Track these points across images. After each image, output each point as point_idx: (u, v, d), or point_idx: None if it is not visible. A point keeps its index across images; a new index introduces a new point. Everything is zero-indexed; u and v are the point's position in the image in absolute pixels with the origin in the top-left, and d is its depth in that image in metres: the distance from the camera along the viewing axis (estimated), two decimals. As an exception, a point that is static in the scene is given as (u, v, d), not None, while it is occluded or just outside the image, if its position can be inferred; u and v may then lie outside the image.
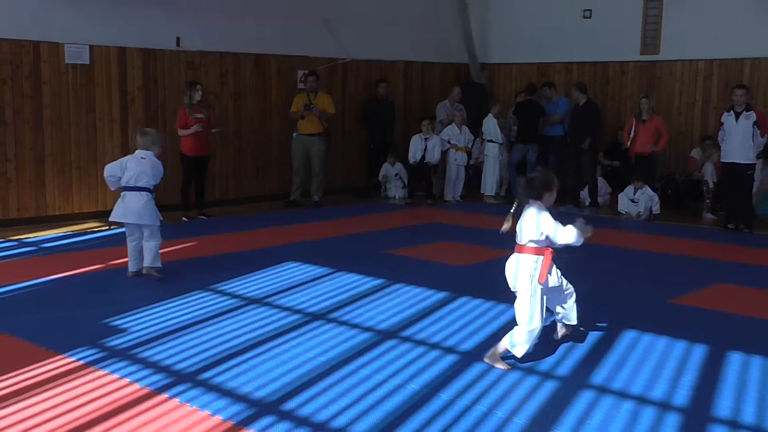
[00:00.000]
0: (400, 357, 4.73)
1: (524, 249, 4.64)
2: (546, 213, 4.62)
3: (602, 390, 4.26)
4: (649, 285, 6.77)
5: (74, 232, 8.77)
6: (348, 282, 6.59)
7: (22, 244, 8.07)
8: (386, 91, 12.16)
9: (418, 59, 13.17)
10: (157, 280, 6.44)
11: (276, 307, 5.82)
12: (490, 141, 11.77)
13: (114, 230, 8.81)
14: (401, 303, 5.96)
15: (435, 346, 4.97)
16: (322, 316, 5.59)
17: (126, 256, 6.70)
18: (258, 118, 11.16)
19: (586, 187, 11.12)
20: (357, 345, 4.95)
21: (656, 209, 10.34)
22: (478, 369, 4.54)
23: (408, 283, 6.50)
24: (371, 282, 6.57)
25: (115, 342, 4.91)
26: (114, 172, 6.50)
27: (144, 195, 6.46)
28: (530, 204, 4.66)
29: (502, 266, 7.39)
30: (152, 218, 6.49)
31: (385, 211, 10.92)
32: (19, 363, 4.49)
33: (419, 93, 13.27)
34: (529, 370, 4.54)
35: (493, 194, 11.85)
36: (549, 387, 4.30)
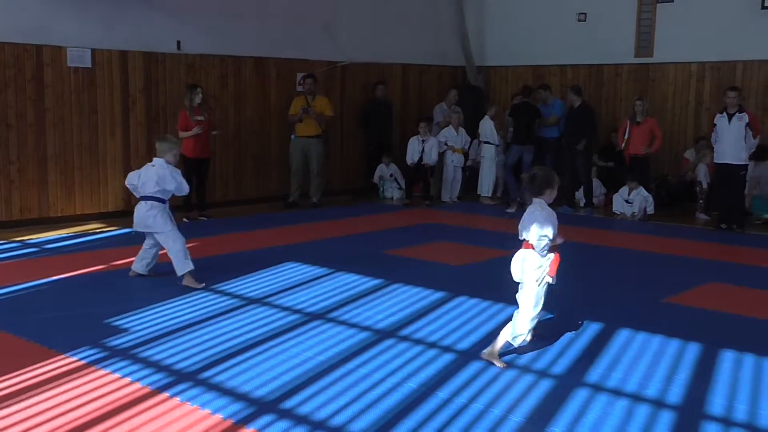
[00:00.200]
0: (397, 356, 4.73)
1: (528, 245, 4.67)
2: (544, 214, 4.64)
3: (597, 388, 4.26)
4: (643, 284, 6.77)
5: (76, 233, 8.76)
6: (346, 282, 6.58)
7: (25, 245, 8.06)
8: (384, 93, 12.16)
9: (416, 62, 13.17)
10: (199, 288, 6.23)
11: (275, 306, 5.81)
12: (487, 143, 11.77)
13: (114, 232, 8.84)
14: (399, 303, 5.96)
15: (432, 345, 4.96)
16: (321, 315, 5.58)
17: (129, 257, 6.67)
18: (258, 121, 11.16)
19: (581, 188, 11.12)
20: (355, 344, 4.94)
21: (650, 210, 10.35)
22: (474, 367, 4.54)
23: (406, 283, 6.50)
24: (369, 282, 6.57)
25: (117, 342, 4.91)
26: (131, 181, 6.52)
27: (148, 203, 6.39)
28: (533, 201, 4.72)
29: (499, 266, 7.37)
30: (158, 225, 6.39)
31: (383, 212, 10.91)
32: (22, 362, 4.48)
33: (416, 95, 13.28)
34: (525, 369, 4.54)
35: (489, 195, 11.85)
36: (545, 385, 4.29)
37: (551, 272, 4.65)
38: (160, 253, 6.62)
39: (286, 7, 11.18)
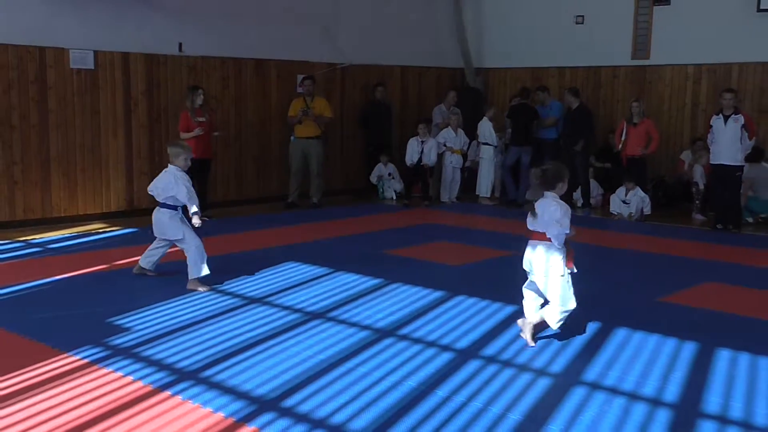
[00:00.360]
0: (397, 355, 4.73)
1: (547, 238, 4.75)
2: (561, 208, 4.75)
3: (595, 386, 4.26)
4: (639, 284, 6.77)
5: (79, 233, 8.76)
6: (346, 281, 6.58)
7: (29, 245, 8.06)
8: (384, 95, 12.16)
9: (415, 64, 13.17)
10: (203, 292, 6.18)
11: (276, 306, 5.81)
12: (485, 144, 11.78)
13: (116, 232, 8.85)
14: (398, 302, 5.96)
15: (431, 344, 4.96)
16: (321, 315, 5.58)
17: (131, 256, 6.66)
18: (258, 122, 11.16)
19: (579, 188, 11.12)
20: (355, 343, 4.94)
21: (647, 210, 10.36)
22: (473, 366, 4.54)
23: (405, 283, 6.50)
24: (369, 281, 6.57)
25: (119, 341, 4.91)
26: (151, 188, 6.55)
27: (161, 210, 6.39)
28: (545, 194, 4.80)
29: (497, 266, 7.37)
30: (170, 233, 6.37)
31: (382, 212, 10.91)
32: (25, 361, 4.48)
33: (416, 97, 13.28)
34: (523, 367, 4.54)
35: (488, 196, 11.86)
36: (543, 384, 4.30)
37: (569, 264, 4.76)
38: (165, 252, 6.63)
39: (287, 10, 11.18)
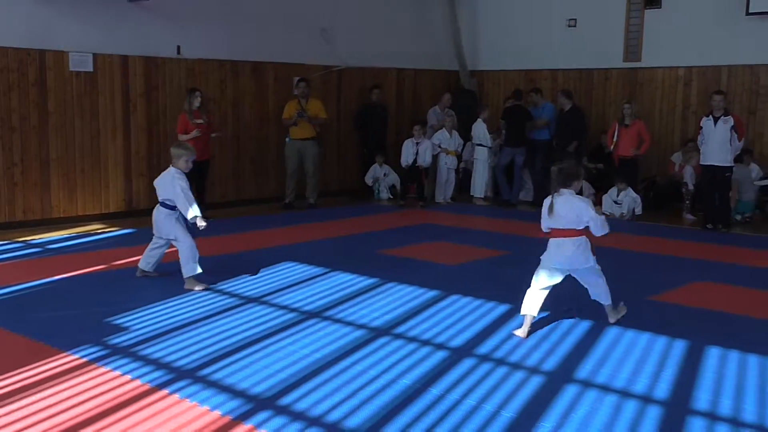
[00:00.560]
0: (392, 353, 4.73)
1: (572, 233, 4.94)
2: (584, 201, 4.97)
3: (586, 384, 4.26)
4: (631, 283, 6.76)
5: (78, 233, 8.74)
6: (342, 281, 6.58)
7: (28, 245, 8.04)
8: (379, 97, 12.16)
9: (410, 66, 13.18)
10: (199, 290, 6.18)
11: (273, 305, 5.81)
12: (480, 145, 11.79)
13: (115, 232, 8.84)
14: (394, 301, 5.96)
15: (426, 342, 4.96)
16: (318, 314, 5.58)
17: (130, 257, 6.67)
18: (256, 124, 11.15)
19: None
20: (351, 342, 4.94)
21: (639, 210, 10.37)
22: (467, 364, 4.55)
23: (400, 282, 6.50)
24: (365, 281, 6.57)
25: (118, 340, 4.90)
26: (156, 182, 6.56)
27: (159, 208, 6.40)
28: (562, 192, 4.96)
29: (491, 265, 7.39)
30: (164, 231, 6.37)
31: (378, 213, 10.91)
32: (25, 360, 4.48)
33: (411, 99, 13.28)
34: (516, 366, 4.54)
35: (482, 196, 11.86)
36: (536, 381, 4.30)
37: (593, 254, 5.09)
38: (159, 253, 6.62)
39: (284, 13, 11.19)
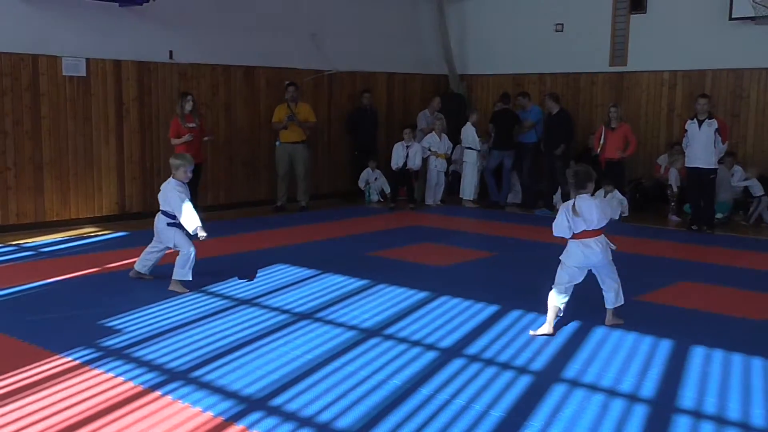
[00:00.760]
0: (383, 354, 4.73)
1: (596, 233, 5.15)
2: (604, 201, 5.19)
3: (574, 383, 4.27)
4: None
5: (71, 237, 8.69)
6: (333, 283, 6.57)
7: (21, 248, 7.99)
8: (370, 101, 12.16)
9: (400, 71, 13.19)
10: (182, 294, 6.14)
11: (265, 307, 5.79)
12: (469, 148, 11.80)
13: (108, 236, 8.81)
14: (384, 302, 5.95)
15: (416, 343, 4.96)
16: (309, 315, 5.57)
17: (123, 259, 6.64)
18: (248, 128, 11.13)
19: (559, 191, 11.16)
20: (342, 343, 4.94)
21: (625, 212, 10.41)
22: (457, 365, 4.55)
23: (390, 284, 6.50)
24: (356, 283, 6.56)
25: (110, 342, 4.88)
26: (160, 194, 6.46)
27: (159, 215, 6.34)
28: (579, 195, 5.14)
29: (480, 266, 7.40)
30: (164, 238, 6.32)
31: (369, 215, 10.91)
32: (18, 363, 4.45)
33: (401, 103, 13.29)
34: (505, 366, 4.55)
35: (471, 198, 11.88)
36: (524, 381, 4.31)
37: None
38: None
39: (275, 18, 11.17)
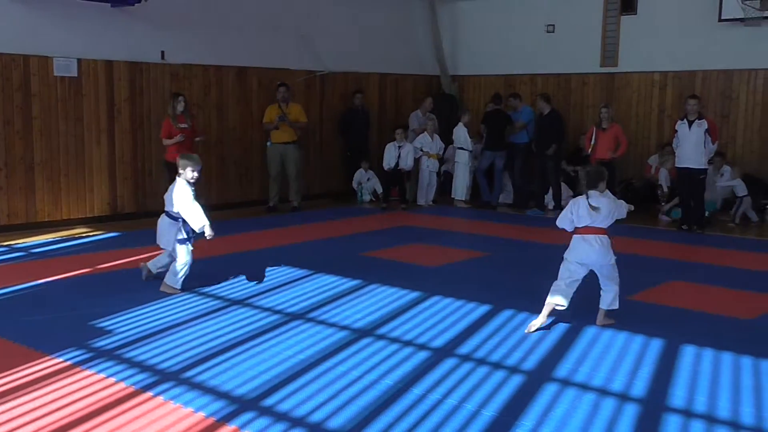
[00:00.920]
0: (374, 354, 4.72)
1: (599, 230, 5.25)
2: (612, 198, 5.33)
3: (565, 383, 4.28)
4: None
5: (63, 237, 8.65)
6: (326, 283, 6.56)
7: (13, 249, 7.95)
8: (362, 101, 12.15)
9: (392, 71, 13.19)
10: (172, 294, 6.10)
11: (257, 307, 5.78)
12: (460, 148, 11.81)
13: (99, 236, 8.79)
14: (376, 303, 5.95)
15: (408, 343, 4.96)
16: (301, 316, 5.56)
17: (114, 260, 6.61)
18: (240, 128, 11.10)
19: (551, 191, 11.18)
20: (334, 343, 4.93)
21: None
22: (448, 364, 4.55)
23: (382, 284, 6.49)
24: (348, 283, 6.56)
25: (102, 343, 4.85)
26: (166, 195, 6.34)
27: (163, 216, 6.21)
28: (591, 193, 5.23)
29: (472, 266, 7.40)
30: (163, 241, 6.20)
31: (361, 215, 10.90)
32: (8, 364, 4.42)
33: (393, 103, 13.29)
34: (496, 365, 4.55)
35: (463, 199, 11.88)
36: (516, 381, 4.31)
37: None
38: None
39: (267, 19, 11.16)
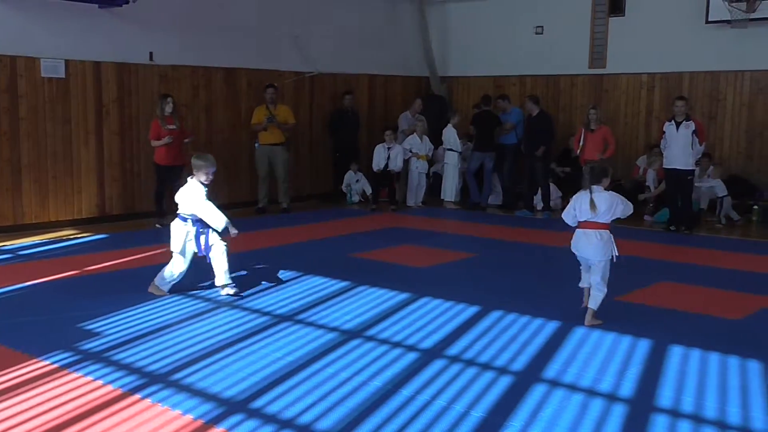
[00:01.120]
0: (363, 355, 4.72)
1: (600, 225, 5.37)
2: (613, 194, 5.43)
3: (554, 384, 4.29)
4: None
5: (50, 239, 8.60)
6: (315, 284, 6.55)
7: (0, 251, 7.90)
8: (351, 102, 12.15)
9: (382, 73, 13.19)
10: (160, 296, 6.07)
11: (245, 309, 5.77)
12: (450, 150, 11.82)
13: (87, 238, 8.74)
14: (365, 304, 5.95)
15: (397, 344, 4.96)
16: (290, 317, 5.55)
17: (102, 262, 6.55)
18: (228, 129, 11.08)
19: (540, 192, 11.21)
20: (323, 345, 4.93)
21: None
22: (437, 365, 4.55)
23: (372, 285, 6.49)
24: (337, 284, 6.55)
25: (89, 345, 4.83)
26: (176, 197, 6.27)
27: (176, 220, 6.13)
28: (594, 188, 5.39)
29: (461, 267, 7.40)
30: (172, 243, 6.09)
31: (350, 217, 10.89)
32: (-5, 367, 4.40)
33: (382, 104, 13.30)
34: (485, 366, 4.56)
35: (452, 200, 11.89)
36: (504, 381, 4.32)
37: (617, 250, 5.44)
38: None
39: (257, 20, 11.14)
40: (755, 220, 10.33)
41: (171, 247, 6.15)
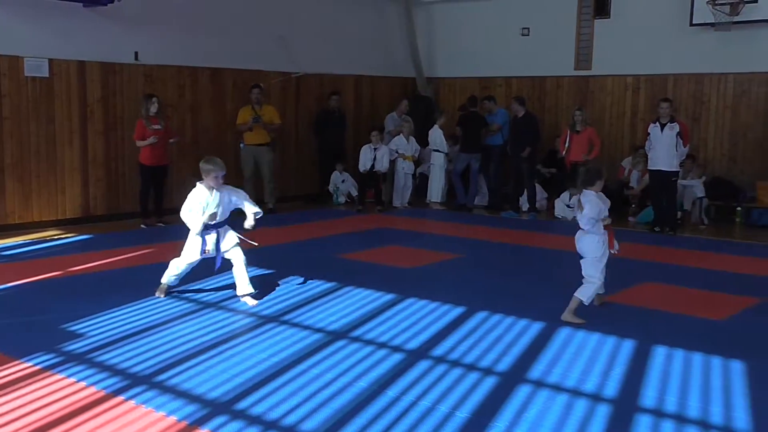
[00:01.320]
0: (349, 356, 4.72)
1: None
2: (594, 199, 5.48)
3: (539, 384, 4.30)
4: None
5: (34, 240, 8.53)
6: (300, 285, 6.54)
7: (-18, 252, 7.84)
8: (338, 103, 12.14)
9: (368, 73, 13.19)
10: (158, 297, 6.05)
11: (230, 310, 5.75)
12: (436, 151, 11.84)
13: (71, 238, 8.67)
14: (351, 305, 5.94)
15: (382, 345, 4.96)
16: (275, 318, 5.54)
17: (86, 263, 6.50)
18: (214, 129, 11.04)
19: (525, 193, 11.25)
20: (308, 346, 4.92)
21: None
22: (423, 366, 4.55)
23: (358, 286, 6.49)
24: (323, 285, 6.54)
25: (72, 347, 4.79)
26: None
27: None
28: (584, 192, 5.49)
29: (447, 268, 7.43)
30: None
31: (336, 218, 10.88)
32: (-23, 369, 4.36)
33: (369, 105, 13.29)
34: (470, 367, 4.56)
35: (438, 201, 11.91)
36: (489, 382, 4.33)
37: (611, 245, 5.58)
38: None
39: (242, 20, 11.11)
40: (738, 222, 10.43)
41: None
